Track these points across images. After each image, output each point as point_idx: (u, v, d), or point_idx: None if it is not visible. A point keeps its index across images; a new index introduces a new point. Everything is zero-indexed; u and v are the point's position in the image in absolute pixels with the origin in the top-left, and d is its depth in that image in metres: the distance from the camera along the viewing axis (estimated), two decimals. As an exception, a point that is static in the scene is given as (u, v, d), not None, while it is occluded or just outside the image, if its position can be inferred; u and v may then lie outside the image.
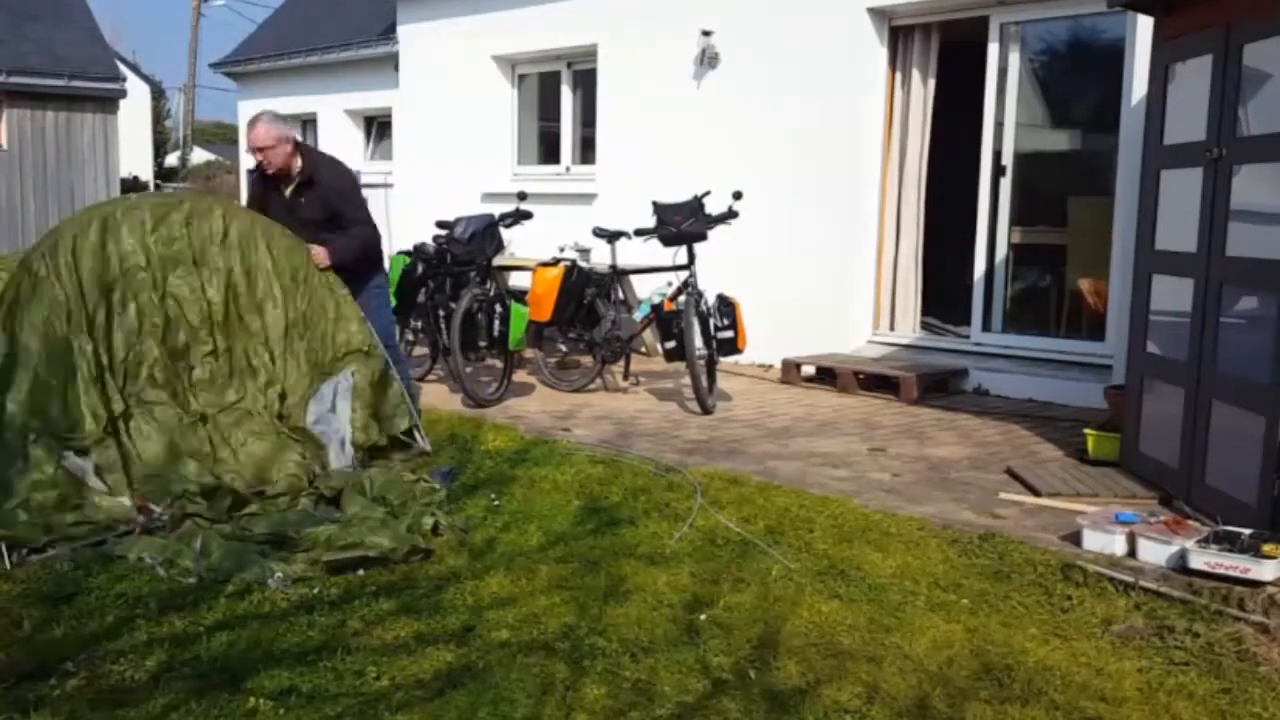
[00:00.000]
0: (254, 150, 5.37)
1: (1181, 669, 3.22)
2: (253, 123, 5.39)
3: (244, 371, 5.05)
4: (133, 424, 4.60)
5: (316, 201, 5.44)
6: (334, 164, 5.63)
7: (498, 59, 10.69)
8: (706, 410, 6.61)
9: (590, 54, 9.75)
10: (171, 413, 4.72)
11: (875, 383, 7.38)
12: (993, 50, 7.46)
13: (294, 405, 5.10)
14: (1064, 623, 3.54)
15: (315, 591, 3.81)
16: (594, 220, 7.86)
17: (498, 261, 7.35)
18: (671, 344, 6.68)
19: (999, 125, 7.53)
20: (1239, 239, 4.37)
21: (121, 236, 4.81)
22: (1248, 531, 3.85)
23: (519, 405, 6.79)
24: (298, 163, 5.43)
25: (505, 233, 7.41)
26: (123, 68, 15.63)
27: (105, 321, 4.69)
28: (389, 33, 12.21)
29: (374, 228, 5.63)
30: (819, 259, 8.09)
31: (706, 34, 8.62)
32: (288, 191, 5.47)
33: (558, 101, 10.52)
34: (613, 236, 7.23)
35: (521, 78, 10.89)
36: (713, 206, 6.76)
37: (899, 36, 7.99)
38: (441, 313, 7.24)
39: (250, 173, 5.80)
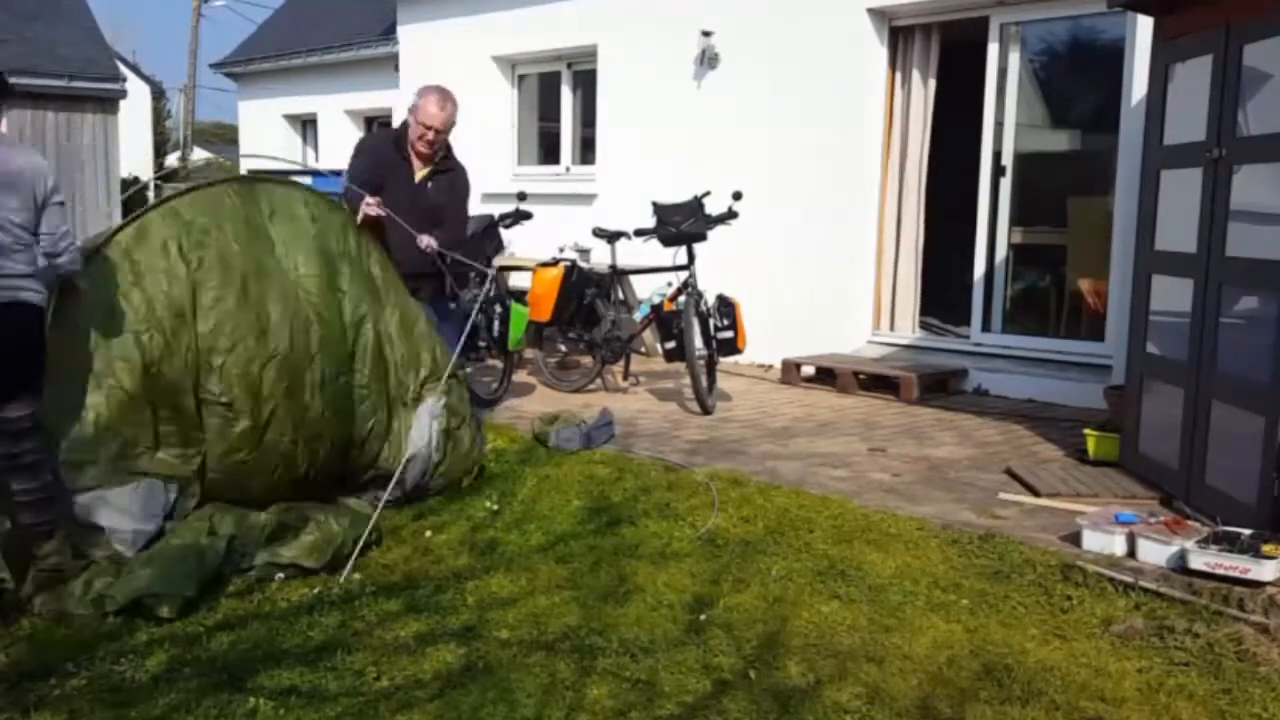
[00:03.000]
0: (429, 128, 5.25)
1: (1181, 669, 3.22)
2: (443, 101, 5.27)
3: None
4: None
5: (445, 187, 5.41)
6: (464, 169, 5.64)
7: (498, 59, 10.69)
8: (706, 410, 6.61)
9: (590, 54, 9.75)
10: None
11: (875, 383, 7.38)
12: (993, 50, 7.46)
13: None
14: (1064, 623, 3.55)
15: (316, 592, 3.82)
16: (594, 220, 7.87)
17: (498, 261, 7.35)
18: (671, 344, 6.68)
19: (999, 125, 7.53)
20: (1239, 239, 4.37)
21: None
22: (1248, 532, 3.85)
23: (519, 405, 6.79)
24: (442, 152, 5.43)
25: (505, 233, 7.41)
26: (123, 68, 15.62)
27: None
28: (389, 33, 12.22)
29: (465, 228, 5.58)
30: (819, 259, 8.09)
31: (706, 34, 8.62)
32: (419, 174, 5.38)
33: (558, 101, 10.53)
34: (613, 237, 7.23)
35: (521, 78, 10.89)
36: (712, 207, 6.76)
37: (899, 37, 7.99)
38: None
39: (370, 146, 5.61)
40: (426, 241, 5.19)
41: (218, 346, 4.17)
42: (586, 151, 10.23)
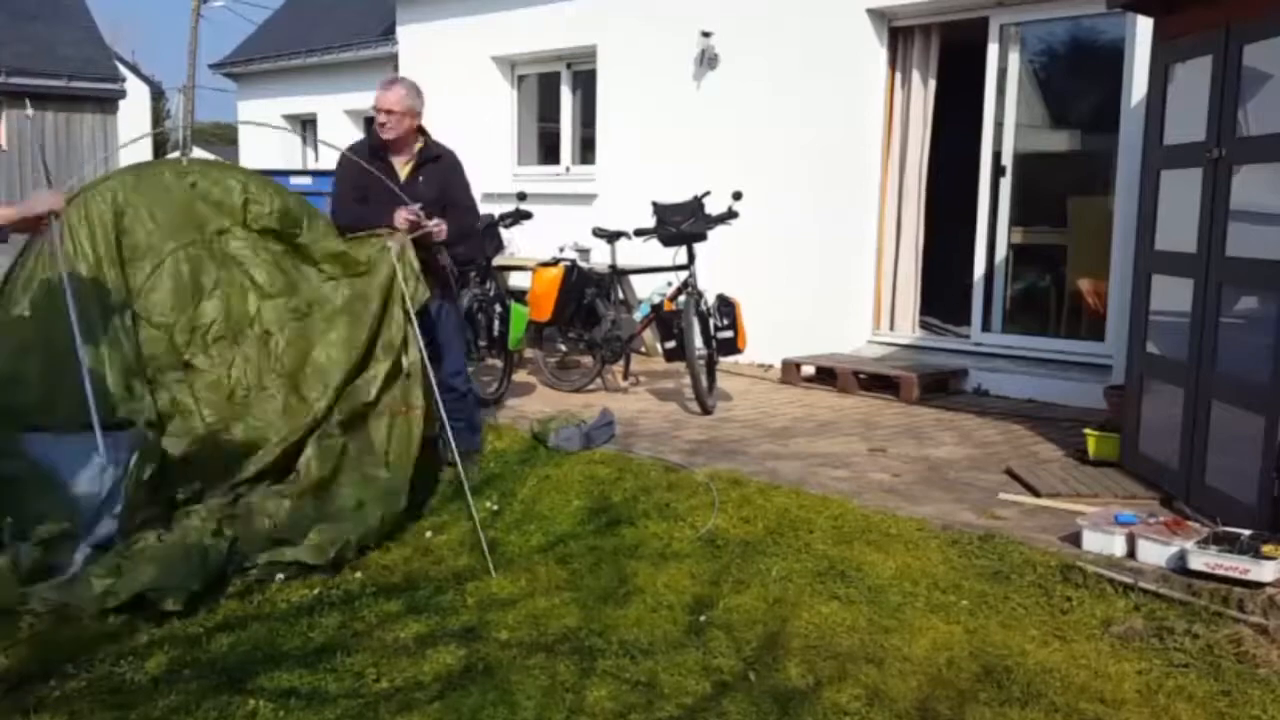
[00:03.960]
0: (379, 110, 4.97)
1: (1181, 670, 3.22)
2: (389, 84, 4.98)
3: None
4: None
5: (435, 180, 5.07)
6: (452, 152, 5.29)
7: (498, 59, 10.69)
8: (706, 410, 6.61)
9: (590, 54, 9.75)
10: None
11: (875, 383, 7.38)
12: (992, 51, 7.46)
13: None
14: (1064, 624, 3.55)
15: (316, 593, 3.82)
16: (594, 220, 7.87)
17: (498, 261, 7.35)
18: (671, 344, 6.68)
19: (999, 125, 7.53)
20: (1239, 239, 4.37)
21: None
22: (1247, 532, 3.85)
23: (519, 405, 6.78)
24: (419, 142, 5.10)
25: (505, 233, 7.41)
26: (122, 68, 15.62)
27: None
28: (389, 33, 12.21)
29: (478, 216, 5.36)
30: (819, 259, 8.09)
31: (706, 35, 8.62)
32: (404, 170, 5.07)
33: (558, 101, 10.53)
34: (613, 236, 7.23)
35: (521, 78, 10.89)
36: (712, 206, 6.76)
37: (899, 37, 7.99)
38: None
39: (343, 164, 5.13)
40: (403, 215, 4.73)
41: (152, 318, 4.49)
42: (586, 151, 10.22)
